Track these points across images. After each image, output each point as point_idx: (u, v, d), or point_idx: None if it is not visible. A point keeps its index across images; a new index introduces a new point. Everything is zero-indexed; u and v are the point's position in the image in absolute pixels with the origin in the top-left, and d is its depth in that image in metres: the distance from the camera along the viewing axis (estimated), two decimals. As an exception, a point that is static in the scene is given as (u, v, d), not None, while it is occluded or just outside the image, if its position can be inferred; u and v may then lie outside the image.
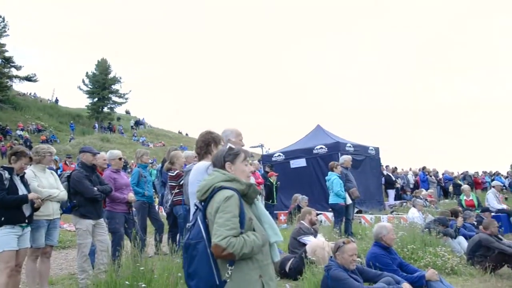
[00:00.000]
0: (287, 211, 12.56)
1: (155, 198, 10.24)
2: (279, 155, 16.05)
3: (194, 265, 2.53)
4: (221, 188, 2.62)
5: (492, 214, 11.75)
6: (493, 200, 13.05)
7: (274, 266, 6.22)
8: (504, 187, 21.83)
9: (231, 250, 2.41)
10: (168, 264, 4.96)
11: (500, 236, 8.96)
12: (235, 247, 2.42)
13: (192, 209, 3.13)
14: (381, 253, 5.54)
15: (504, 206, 13.33)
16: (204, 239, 2.54)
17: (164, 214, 8.54)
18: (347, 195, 9.52)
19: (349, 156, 10.55)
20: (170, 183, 7.64)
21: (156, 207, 9.84)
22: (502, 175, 25.43)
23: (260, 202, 2.87)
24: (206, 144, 3.67)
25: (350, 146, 14.79)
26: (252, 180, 11.47)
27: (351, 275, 4.62)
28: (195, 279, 2.54)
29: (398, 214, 12.76)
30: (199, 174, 3.31)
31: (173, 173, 7.61)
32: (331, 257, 4.91)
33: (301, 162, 15.23)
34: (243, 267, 2.54)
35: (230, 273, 2.50)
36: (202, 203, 2.69)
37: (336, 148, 14.33)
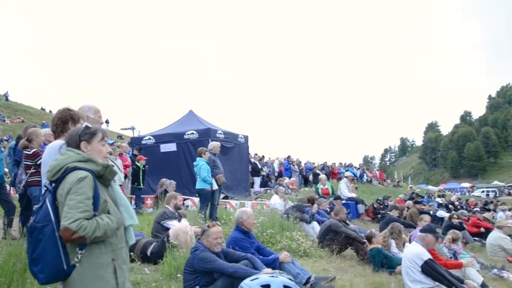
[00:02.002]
0: (154, 196, 12.38)
1: (6, 178, 9.29)
2: (149, 139, 15.68)
3: (39, 249, 2.39)
4: (74, 168, 2.50)
5: (343, 201, 13.03)
6: (344, 189, 14.46)
7: (136, 250, 6.15)
8: (355, 178, 24.27)
9: (82, 233, 2.33)
10: (16, 249, 4.57)
11: (347, 221, 9.98)
12: (86, 230, 2.35)
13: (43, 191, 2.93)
14: (241, 237, 5.79)
15: (354, 195, 14.86)
16: (52, 222, 2.41)
17: (17, 195, 7.82)
18: (213, 181, 9.71)
19: (218, 143, 10.75)
20: (25, 162, 7.02)
21: (8, 188, 8.95)
22: (355, 167, 28.20)
23: (116, 185, 2.81)
24: (63, 121, 3.40)
25: (220, 133, 15.05)
26: (119, 163, 10.96)
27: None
28: (40, 264, 2.40)
29: (262, 201, 13.39)
30: (53, 154, 3.08)
31: (29, 151, 6.99)
32: (198, 239, 4.99)
33: (171, 147, 15.08)
34: (94, 250, 2.48)
35: (80, 257, 2.42)
36: (52, 184, 2.54)
37: (207, 134, 14.47)
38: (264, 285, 2.23)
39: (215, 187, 9.78)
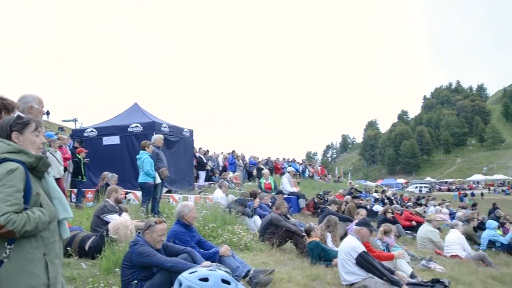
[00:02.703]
0: (94, 189, 12.06)
1: None
2: (92, 131, 15.19)
3: None
4: (4, 160, 2.41)
5: (285, 196, 13.31)
6: (286, 184, 14.78)
7: (74, 244, 6.00)
8: (297, 173, 24.81)
9: (10, 228, 2.27)
10: None
11: (288, 215, 10.23)
12: (15, 224, 2.28)
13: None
14: (182, 231, 5.81)
15: (296, 190, 15.20)
16: None
17: None
18: (156, 175, 9.62)
19: (161, 135, 10.62)
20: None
21: None
22: (298, 162, 28.75)
23: (50, 177, 2.73)
24: None
25: (165, 127, 14.87)
26: (59, 155, 10.55)
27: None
28: None
29: (206, 195, 13.40)
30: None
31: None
32: (138, 233, 4.94)
33: (114, 140, 14.72)
34: (25, 245, 2.41)
35: (8, 253, 2.34)
36: None
37: (152, 127, 14.26)
38: (202, 278, 2.28)
39: (158, 180, 9.69)
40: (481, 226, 13.95)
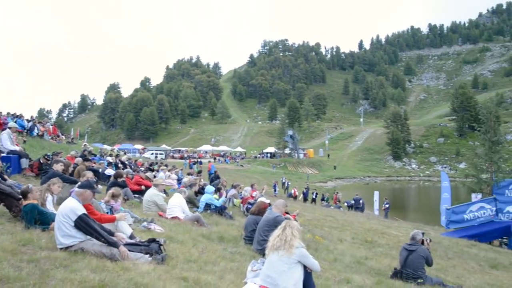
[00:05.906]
0: None
1: None
2: None
3: None
4: None
5: (3, 154, 11.80)
6: (6, 141, 13.14)
7: None
8: (24, 130, 22.39)
9: None
10: None
11: (5, 176, 9.15)
12: None
13: None
14: None
15: (17, 148, 13.65)
16: None
17: None
18: None
19: None
20: None
21: None
22: (26, 119, 25.78)
23: None
24: None
25: None
26: None
27: None
28: None
29: None
30: None
31: None
32: None
33: None
34: None
35: None
36: None
37: None
38: None
39: None
40: (201, 191, 15.44)
